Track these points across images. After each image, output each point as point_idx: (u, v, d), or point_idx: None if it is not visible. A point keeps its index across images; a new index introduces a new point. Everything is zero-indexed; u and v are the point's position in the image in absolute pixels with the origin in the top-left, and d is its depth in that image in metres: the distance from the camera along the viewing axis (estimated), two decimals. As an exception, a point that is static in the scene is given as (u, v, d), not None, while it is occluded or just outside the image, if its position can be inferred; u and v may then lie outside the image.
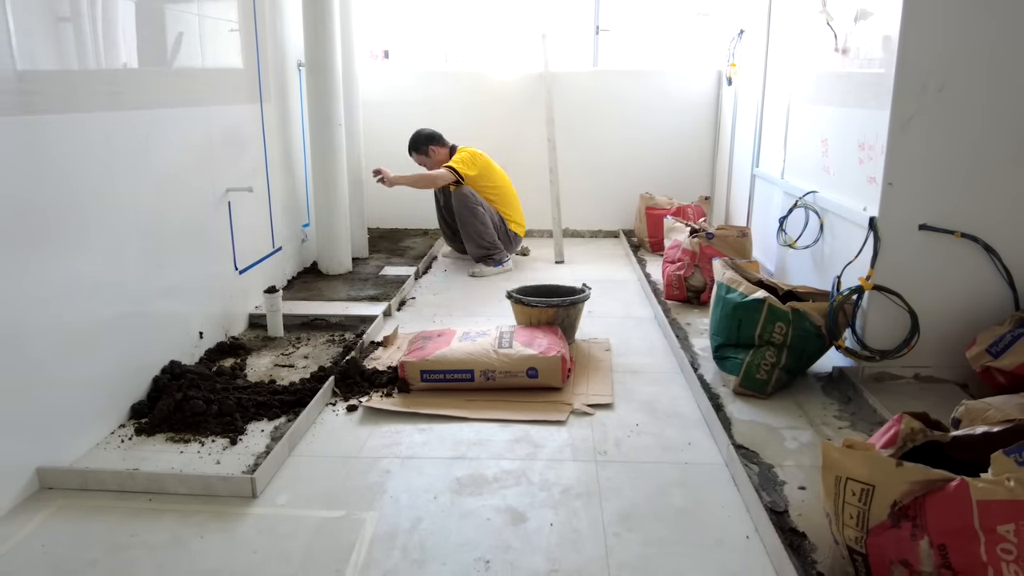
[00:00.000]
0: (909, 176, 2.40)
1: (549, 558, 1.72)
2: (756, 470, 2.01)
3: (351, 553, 1.74)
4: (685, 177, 5.25)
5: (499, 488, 2.02)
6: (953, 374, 2.52)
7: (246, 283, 3.27)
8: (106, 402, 2.28)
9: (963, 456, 1.58)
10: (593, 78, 5.18)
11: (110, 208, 2.28)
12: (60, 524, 1.85)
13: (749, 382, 2.49)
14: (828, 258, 2.93)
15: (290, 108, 3.91)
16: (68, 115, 2.09)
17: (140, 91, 2.44)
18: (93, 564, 1.70)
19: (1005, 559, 1.31)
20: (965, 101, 2.32)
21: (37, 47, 1.99)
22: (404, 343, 3.06)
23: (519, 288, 3.12)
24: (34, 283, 1.96)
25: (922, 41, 2.29)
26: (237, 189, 3.11)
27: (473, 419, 2.41)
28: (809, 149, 3.21)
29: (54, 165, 2.03)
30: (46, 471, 1.99)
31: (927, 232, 2.43)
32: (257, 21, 3.39)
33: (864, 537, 1.45)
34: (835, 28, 2.86)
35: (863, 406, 2.41)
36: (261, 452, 2.17)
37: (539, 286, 3.18)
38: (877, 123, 2.45)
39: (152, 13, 2.53)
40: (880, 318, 2.51)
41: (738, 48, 4.57)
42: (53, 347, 2.03)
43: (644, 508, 1.92)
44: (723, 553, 1.74)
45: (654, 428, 2.36)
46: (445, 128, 5.14)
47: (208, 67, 2.92)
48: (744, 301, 2.53)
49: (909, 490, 1.40)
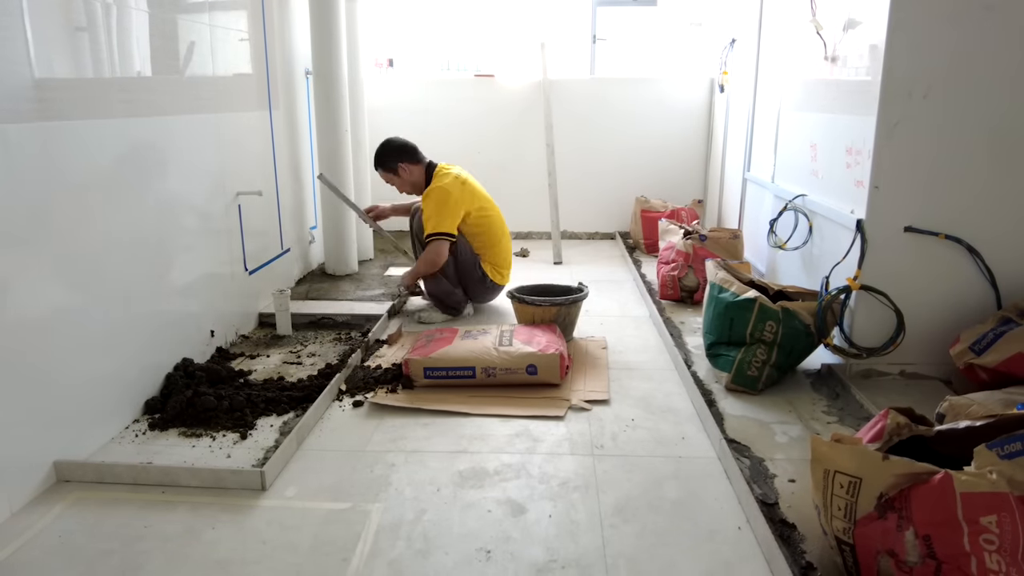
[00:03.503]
0: (895, 180, 2.40)
1: (548, 548, 1.72)
2: (747, 463, 2.01)
3: (357, 543, 1.74)
4: (679, 181, 5.25)
5: (500, 481, 2.02)
6: (937, 371, 2.52)
7: (256, 283, 3.27)
8: (121, 398, 2.28)
9: (947, 450, 1.59)
10: (590, 85, 5.18)
11: (125, 211, 2.28)
12: (76, 516, 1.85)
13: (741, 379, 2.50)
14: (817, 259, 2.93)
15: (298, 115, 3.91)
16: (84, 121, 2.09)
17: (154, 98, 2.44)
18: (108, 554, 1.70)
19: (988, 549, 1.31)
20: (949, 107, 2.32)
21: (54, 56, 1.99)
22: (408, 341, 3.06)
23: (518, 288, 3.12)
24: (53, 284, 1.96)
25: (907, 50, 2.29)
26: (247, 193, 3.12)
27: (475, 414, 2.41)
28: (799, 154, 3.21)
29: (71, 169, 2.03)
30: (63, 465, 1.99)
31: (912, 234, 2.44)
32: (266, 31, 3.39)
33: (852, 528, 1.46)
34: (824, 37, 2.86)
35: (851, 402, 2.41)
36: (270, 446, 2.17)
37: (537, 285, 3.19)
38: (864, 129, 2.45)
39: (165, 23, 2.53)
40: (867, 317, 2.51)
41: (730, 56, 4.57)
42: (71, 345, 2.03)
43: (640, 500, 1.92)
44: (716, 543, 1.74)
45: (649, 423, 2.36)
46: (447, 135, 5.16)
47: (219, 75, 2.92)
48: (736, 300, 2.53)
49: (895, 483, 1.40)
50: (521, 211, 5.31)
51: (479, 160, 5.24)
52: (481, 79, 5.18)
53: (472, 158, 5.23)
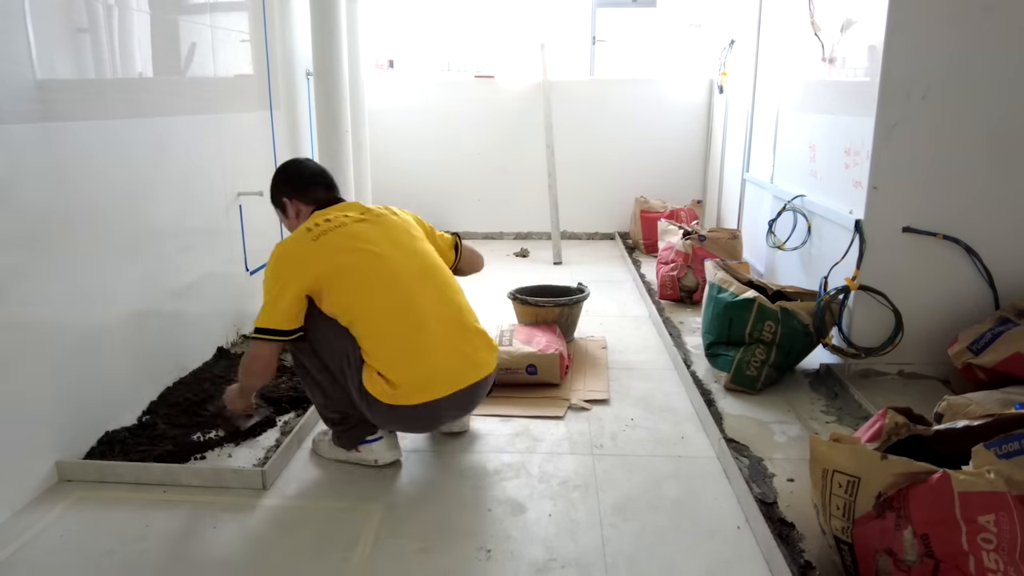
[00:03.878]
0: (893, 180, 2.39)
1: (548, 547, 1.72)
2: (746, 463, 2.01)
3: (358, 543, 1.74)
4: (678, 181, 5.24)
5: (500, 480, 2.02)
6: (936, 370, 2.52)
7: (256, 283, 3.27)
8: (123, 398, 2.28)
9: (945, 449, 1.58)
10: (590, 86, 5.18)
11: (126, 212, 2.27)
12: (78, 515, 1.85)
13: (740, 378, 2.49)
14: (815, 259, 2.93)
15: (299, 115, 3.90)
16: (86, 122, 2.08)
17: (155, 99, 2.44)
18: (109, 553, 1.70)
19: (985, 548, 1.31)
20: (947, 108, 2.32)
21: (56, 57, 1.99)
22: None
23: (519, 288, 3.10)
24: (56, 284, 1.95)
25: (906, 51, 2.29)
26: (248, 193, 3.11)
27: (475, 414, 2.41)
28: (797, 154, 3.20)
29: (73, 170, 2.02)
30: (64, 464, 1.99)
31: (911, 234, 2.43)
32: (267, 32, 3.39)
33: (850, 527, 1.45)
34: (822, 39, 2.86)
35: (849, 401, 2.41)
36: (271, 446, 2.17)
37: (537, 286, 3.16)
38: (862, 129, 2.44)
39: (166, 24, 2.52)
40: (865, 317, 2.51)
41: (729, 57, 4.57)
42: (74, 345, 2.03)
43: (639, 500, 1.91)
44: (715, 542, 1.74)
45: (649, 423, 2.36)
46: (447, 135, 5.15)
47: (220, 76, 2.91)
48: (735, 300, 2.52)
49: (893, 482, 1.39)
50: (521, 211, 5.32)
51: (479, 161, 5.25)
52: (481, 80, 5.18)
53: (472, 159, 5.25)
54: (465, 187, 5.30)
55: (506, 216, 5.37)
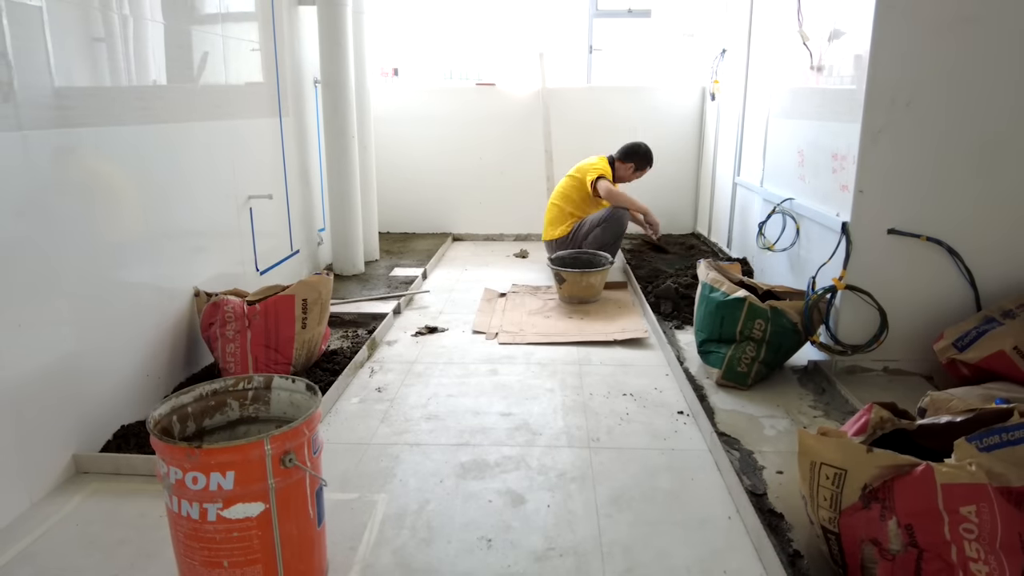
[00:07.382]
0: (879, 184, 2.39)
1: (546, 537, 1.72)
2: (737, 456, 2.01)
3: (364, 532, 1.74)
4: (672, 186, 5.24)
5: (500, 472, 2.02)
6: (919, 367, 2.52)
7: (267, 283, 3.27)
8: (138, 393, 2.28)
9: (929, 443, 1.58)
10: (587, 94, 5.18)
11: (140, 214, 2.27)
12: (94, 506, 1.85)
13: (731, 375, 2.49)
14: (804, 260, 2.93)
15: (307, 122, 3.91)
16: (102, 128, 2.08)
17: (169, 106, 2.44)
18: (124, 543, 1.70)
19: (967, 538, 1.31)
20: (931, 115, 2.32)
21: (73, 65, 1.98)
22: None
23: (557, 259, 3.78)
24: (69, 285, 1.96)
25: (891, 60, 2.29)
26: (258, 196, 3.11)
27: (564, 343, 2.95)
28: (786, 159, 3.20)
29: (89, 175, 2.03)
30: (81, 457, 1.99)
31: (895, 236, 2.43)
32: (276, 41, 3.39)
33: (837, 517, 1.45)
34: (810, 48, 2.86)
35: (836, 397, 2.41)
36: (280, 439, 2.16)
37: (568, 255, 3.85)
38: (849, 135, 2.44)
39: (180, 34, 2.52)
40: (852, 315, 2.51)
41: (721, 66, 4.57)
42: (91, 343, 2.03)
43: (634, 491, 1.92)
44: (707, 532, 1.74)
45: (643, 417, 2.36)
46: (450, 140, 5.15)
47: (231, 84, 2.92)
48: (726, 300, 2.52)
49: (879, 474, 1.39)
50: (520, 214, 5.31)
51: (481, 165, 5.25)
52: (483, 88, 5.18)
53: (474, 164, 5.24)
54: (467, 191, 5.30)
55: (506, 218, 5.36)
